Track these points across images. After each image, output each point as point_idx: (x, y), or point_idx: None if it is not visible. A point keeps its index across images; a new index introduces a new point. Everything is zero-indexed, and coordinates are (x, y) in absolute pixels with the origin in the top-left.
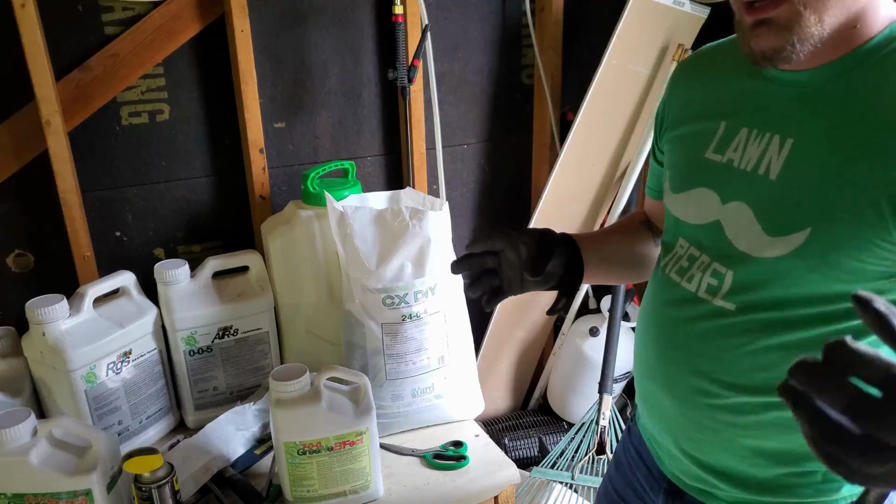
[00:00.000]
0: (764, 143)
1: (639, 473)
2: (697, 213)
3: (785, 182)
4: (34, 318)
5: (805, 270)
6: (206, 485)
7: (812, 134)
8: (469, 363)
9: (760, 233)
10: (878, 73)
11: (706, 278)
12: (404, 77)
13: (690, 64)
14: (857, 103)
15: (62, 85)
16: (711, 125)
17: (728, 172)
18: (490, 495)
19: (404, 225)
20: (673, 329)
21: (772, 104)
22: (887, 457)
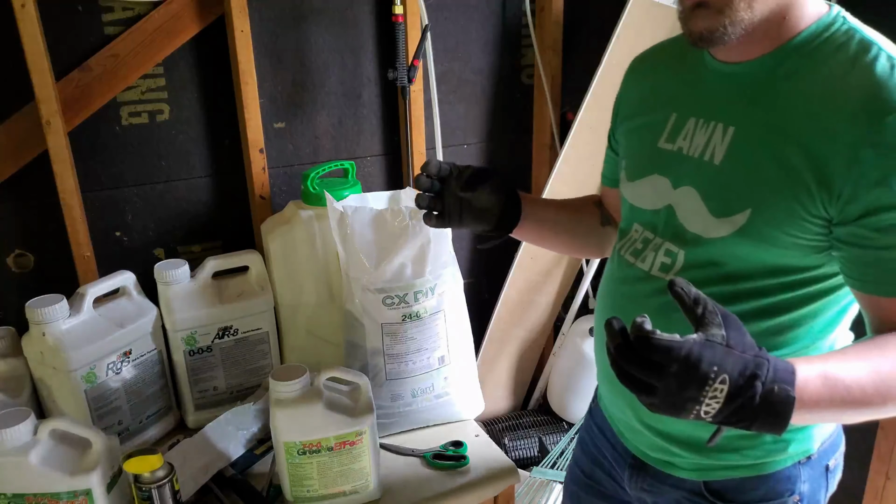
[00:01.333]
0: (709, 131)
1: (605, 451)
2: (651, 199)
3: (727, 167)
4: (34, 318)
5: (748, 248)
6: (206, 485)
7: (750, 122)
8: (469, 363)
9: (707, 215)
10: (805, 65)
11: (659, 258)
12: (404, 77)
13: (644, 59)
14: (787, 93)
15: (62, 85)
16: (663, 116)
17: (678, 160)
18: (490, 495)
19: (404, 225)
20: (628, 305)
21: (716, 95)
22: (652, 393)
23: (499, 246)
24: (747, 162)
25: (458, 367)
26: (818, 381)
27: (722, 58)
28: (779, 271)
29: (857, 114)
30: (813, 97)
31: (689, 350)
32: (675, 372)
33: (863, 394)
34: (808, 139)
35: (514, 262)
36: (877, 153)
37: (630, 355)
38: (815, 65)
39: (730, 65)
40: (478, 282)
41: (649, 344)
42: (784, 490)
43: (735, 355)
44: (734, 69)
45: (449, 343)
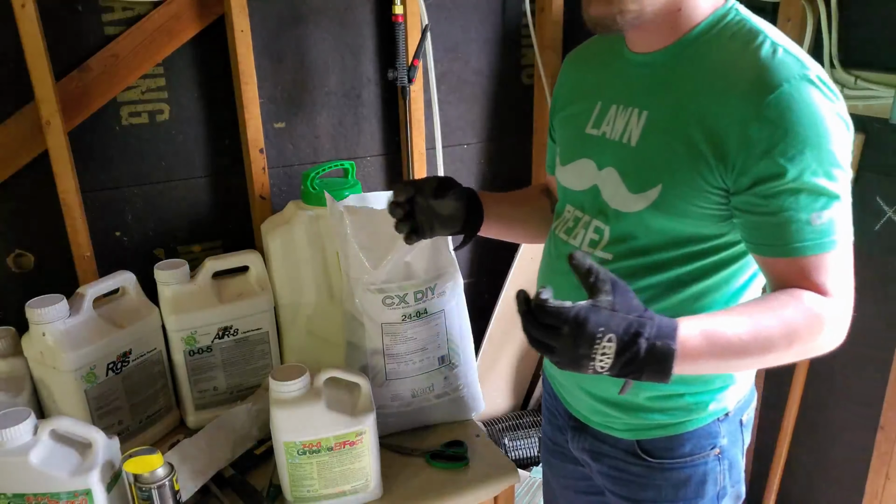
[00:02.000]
0: (627, 116)
1: (558, 417)
2: (579, 181)
3: (642, 147)
4: (34, 318)
5: (662, 220)
6: (206, 485)
7: (659, 105)
8: (469, 363)
9: (626, 192)
10: (704, 52)
11: (589, 234)
12: (404, 77)
13: (577, 54)
14: (688, 78)
15: (62, 85)
16: (590, 104)
17: (602, 143)
18: (490, 495)
19: None
20: (561, 279)
21: (633, 83)
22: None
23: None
24: (658, 142)
25: (459, 367)
26: (699, 336)
27: (636, 49)
28: (691, 240)
29: (745, 93)
30: (710, 80)
31: (577, 313)
32: (567, 333)
33: (742, 346)
34: (707, 118)
35: (514, 262)
36: (761, 128)
37: (531, 320)
38: (713, 52)
39: (642, 55)
40: (478, 282)
41: (544, 310)
42: (706, 444)
43: (619, 317)
44: (645, 59)
45: (449, 343)
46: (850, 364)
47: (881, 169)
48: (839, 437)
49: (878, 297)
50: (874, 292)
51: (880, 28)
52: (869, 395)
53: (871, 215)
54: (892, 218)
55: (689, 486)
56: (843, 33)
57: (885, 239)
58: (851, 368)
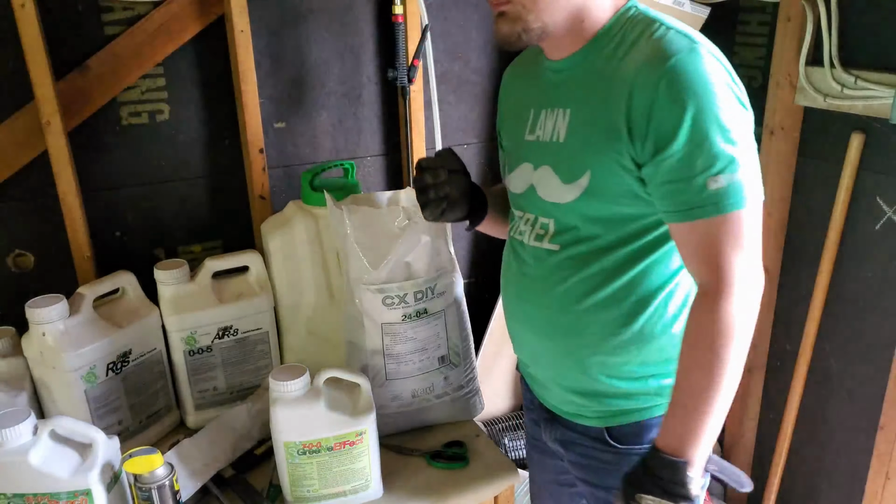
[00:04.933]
0: (554, 117)
1: (534, 412)
2: (520, 184)
3: (570, 142)
4: (34, 318)
5: (597, 203)
6: (206, 485)
7: (578, 102)
8: (469, 363)
9: (560, 184)
10: (609, 50)
11: (535, 230)
12: (404, 77)
13: (511, 67)
14: (599, 71)
15: (62, 85)
16: (525, 113)
17: (537, 146)
18: (490, 495)
19: (404, 225)
20: (521, 276)
21: (554, 87)
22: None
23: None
24: (583, 134)
25: (458, 367)
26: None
27: (551, 57)
28: (625, 220)
29: (643, 68)
30: (617, 67)
31: None
32: None
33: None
34: (618, 100)
35: None
36: (657, 98)
37: None
38: (619, 45)
39: (557, 62)
40: (478, 282)
41: None
42: None
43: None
44: (560, 65)
45: (449, 343)
46: (850, 364)
47: (881, 169)
48: (839, 437)
49: (878, 297)
50: (874, 292)
51: (880, 28)
52: (869, 395)
53: (871, 215)
54: (892, 218)
55: None
56: (843, 33)
57: (885, 239)
58: (851, 368)
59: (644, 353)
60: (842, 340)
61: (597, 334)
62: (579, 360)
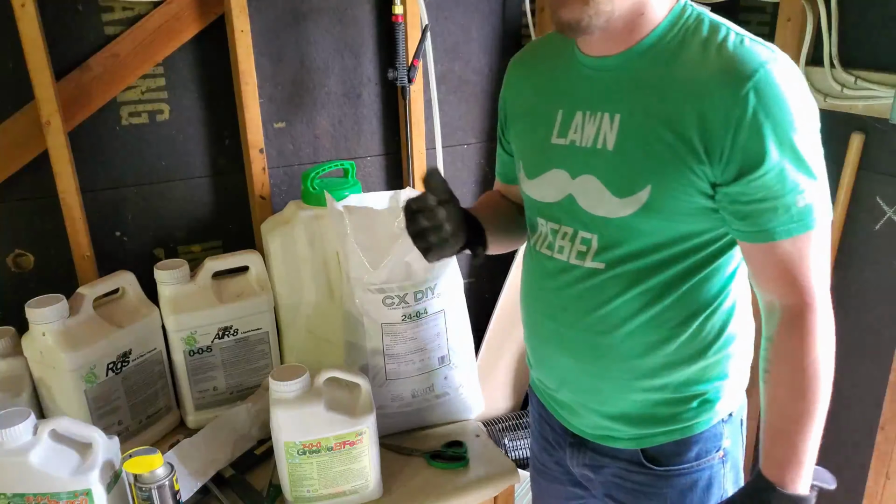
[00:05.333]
0: (597, 122)
1: (548, 436)
2: (551, 192)
3: (622, 151)
4: (34, 318)
5: (655, 221)
6: (206, 485)
7: (631, 108)
8: (469, 363)
9: (611, 197)
10: (666, 52)
11: (576, 246)
12: (404, 77)
13: (521, 60)
14: (657, 78)
15: (62, 85)
16: (550, 114)
17: (573, 152)
18: (490, 495)
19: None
20: (556, 296)
21: (594, 88)
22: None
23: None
24: (638, 143)
25: (458, 367)
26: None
27: (591, 52)
28: (681, 238)
29: (722, 84)
30: (683, 78)
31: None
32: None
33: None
34: (685, 114)
35: (514, 262)
36: (742, 116)
37: None
38: (675, 50)
39: (600, 59)
40: (478, 282)
41: None
42: (712, 448)
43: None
44: (605, 62)
45: (449, 343)
46: (850, 364)
47: (881, 169)
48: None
49: (878, 297)
50: (874, 292)
51: (880, 28)
52: (869, 395)
53: (871, 215)
54: (892, 218)
55: (694, 492)
56: (843, 33)
57: (885, 239)
58: (851, 368)
59: (689, 372)
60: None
61: (640, 356)
62: (619, 384)
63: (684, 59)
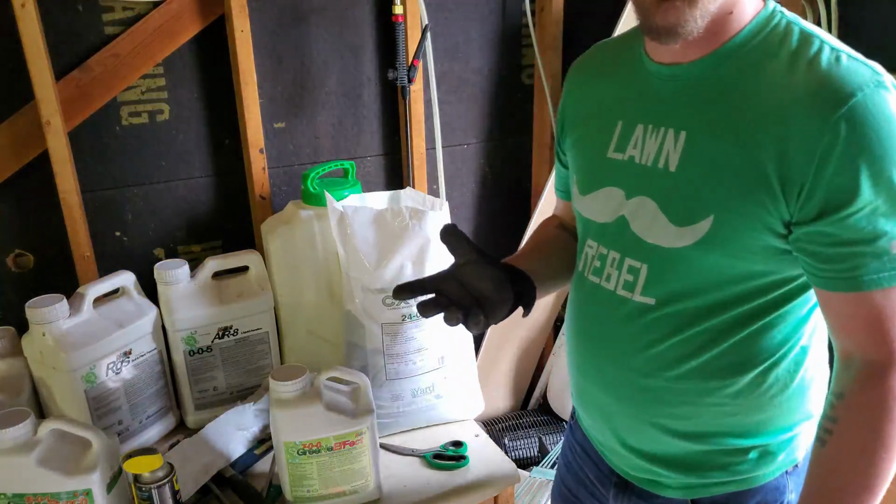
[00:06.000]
0: (660, 138)
1: (588, 470)
2: (603, 211)
3: (684, 173)
4: (34, 318)
5: (715, 255)
6: (206, 485)
7: (700, 125)
8: (469, 363)
9: (667, 224)
10: (748, 63)
11: (623, 275)
12: (404, 77)
13: (582, 66)
14: (734, 92)
15: (62, 85)
16: (609, 125)
17: (630, 169)
18: (490, 495)
19: (404, 225)
20: (601, 329)
21: (662, 99)
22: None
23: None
24: (704, 167)
25: (459, 366)
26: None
27: (661, 59)
28: (744, 278)
29: (811, 107)
30: (764, 94)
31: None
32: None
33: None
34: (764, 138)
35: None
36: (832, 145)
37: None
38: (759, 61)
39: (671, 66)
40: None
41: None
42: (773, 501)
43: None
44: (676, 71)
45: (449, 343)
46: None
47: None
48: None
49: None
50: None
51: (880, 28)
52: None
53: None
54: None
55: None
56: (843, 33)
57: None
58: None
59: (746, 423)
60: None
61: (690, 403)
62: (665, 430)
63: (768, 72)
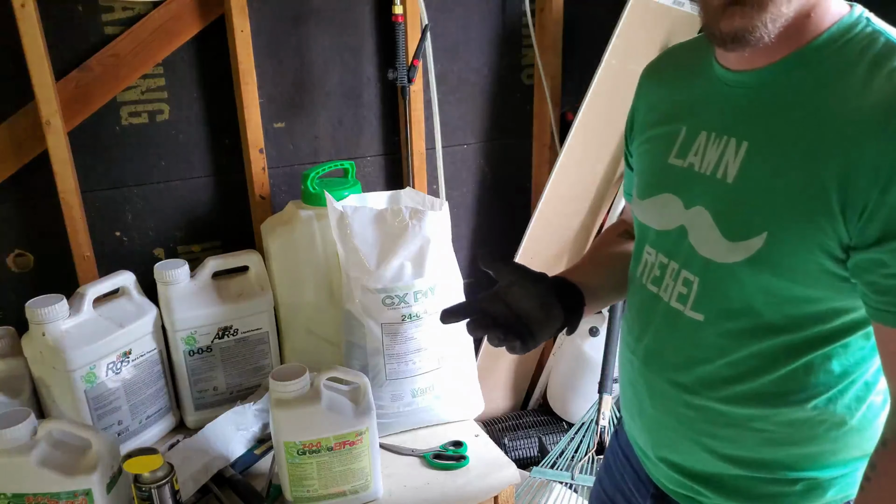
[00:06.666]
0: (722, 147)
1: (626, 477)
2: (662, 219)
3: (741, 186)
4: (34, 318)
5: (767, 275)
6: (206, 485)
7: (764, 136)
8: (469, 363)
9: (720, 238)
10: (823, 72)
11: (677, 287)
12: (404, 77)
13: (656, 65)
14: (804, 104)
15: (62, 85)
16: (673, 129)
17: (690, 177)
18: (490, 495)
19: (404, 225)
20: (654, 339)
21: (726, 106)
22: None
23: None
24: (762, 180)
25: (459, 366)
26: None
27: (731, 66)
28: (800, 301)
29: (883, 124)
30: (835, 107)
31: None
32: None
33: None
34: (828, 155)
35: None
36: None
37: None
38: (834, 71)
39: (740, 73)
40: (478, 282)
41: None
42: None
43: None
44: (745, 77)
45: (449, 343)
46: None
47: None
48: None
49: None
50: None
51: None
52: None
53: None
54: None
55: None
56: None
57: None
58: None
59: (794, 454)
60: None
61: (737, 426)
62: (708, 449)
63: (842, 84)
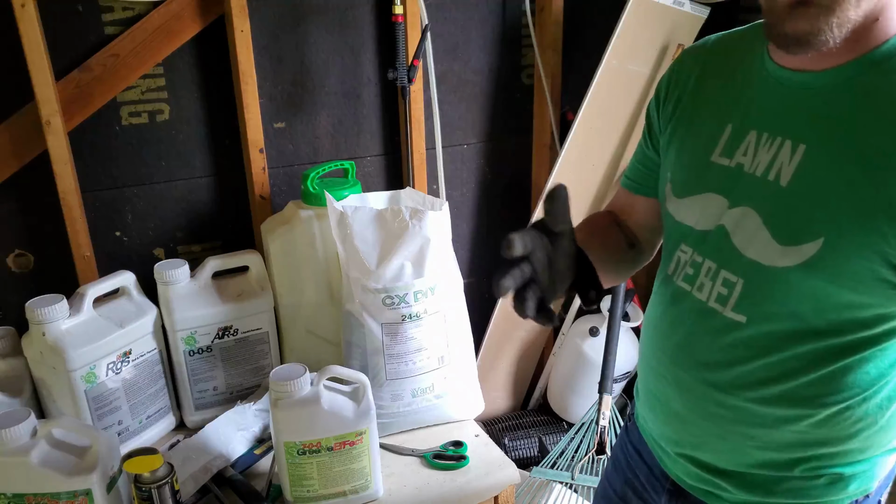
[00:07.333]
0: (775, 148)
1: (639, 473)
2: (701, 218)
3: (797, 189)
4: (34, 318)
5: (819, 281)
6: (206, 485)
7: (823, 139)
8: (469, 363)
9: (770, 241)
10: (890, 79)
11: (717, 287)
12: (404, 77)
13: (697, 54)
14: (871, 109)
15: (62, 85)
16: (717, 127)
17: (737, 177)
18: (490, 495)
19: (404, 225)
20: (685, 337)
21: (781, 107)
22: None
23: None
24: (820, 185)
25: (458, 367)
26: None
27: (789, 65)
28: (848, 307)
29: None
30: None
31: None
32: None
33: None
34: (891, 163)
35: None
36: None
37: None
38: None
39: (800, 73)
40: (478, 282)
41: None
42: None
43: None
44: (805, 79)
45: (449, 343)
46: None
47: None
48: None
49: None
50: None
51: None
52: None
53: None
54: None
55: None
56: None
57: None
58: None
59: (824, 452)
60: None
61: (769, 426)
62: (735, 447)
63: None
